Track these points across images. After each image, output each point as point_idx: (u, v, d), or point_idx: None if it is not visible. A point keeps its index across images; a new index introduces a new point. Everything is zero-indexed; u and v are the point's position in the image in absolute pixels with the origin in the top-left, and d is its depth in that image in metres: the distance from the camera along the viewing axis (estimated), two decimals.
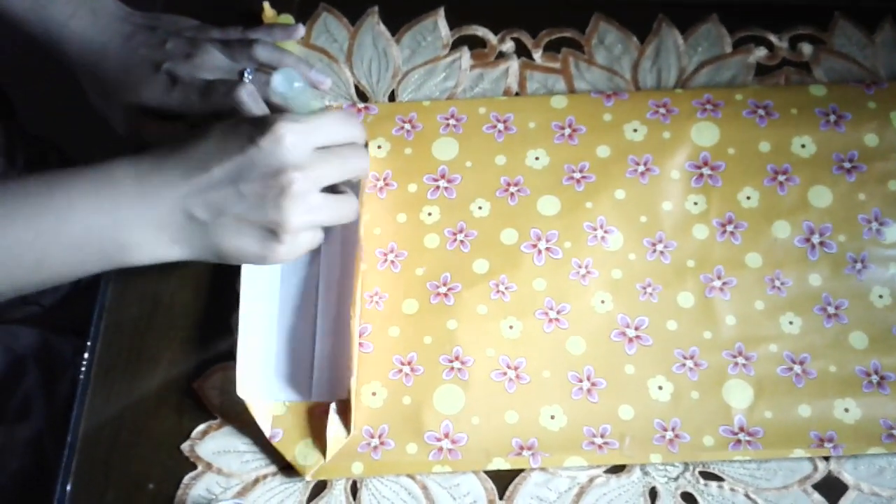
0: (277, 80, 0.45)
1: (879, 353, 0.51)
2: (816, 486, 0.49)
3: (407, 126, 0.58)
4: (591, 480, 0.49)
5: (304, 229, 0.47)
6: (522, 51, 0.61)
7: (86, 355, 0.52)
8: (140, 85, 0.53)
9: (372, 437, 0.49)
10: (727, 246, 0.54)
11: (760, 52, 0.60)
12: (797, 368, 0.51)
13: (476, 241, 0.54)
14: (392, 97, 0.59)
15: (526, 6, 0.61)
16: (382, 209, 0.55)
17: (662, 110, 0.57)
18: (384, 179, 0.56)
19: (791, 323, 0.52)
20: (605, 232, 0.54)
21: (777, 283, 0.53)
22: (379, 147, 0.57)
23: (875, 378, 0.50)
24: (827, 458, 0.49)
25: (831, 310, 0.52)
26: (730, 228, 0.54)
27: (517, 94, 0.59)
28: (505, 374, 0.51)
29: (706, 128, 0.56)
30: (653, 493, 0.49)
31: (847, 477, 0.49)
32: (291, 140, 0.44)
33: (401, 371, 0.51)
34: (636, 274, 0.53)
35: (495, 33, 0.61)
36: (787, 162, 0.55)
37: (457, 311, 0.52)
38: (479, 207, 0.55)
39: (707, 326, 0.52)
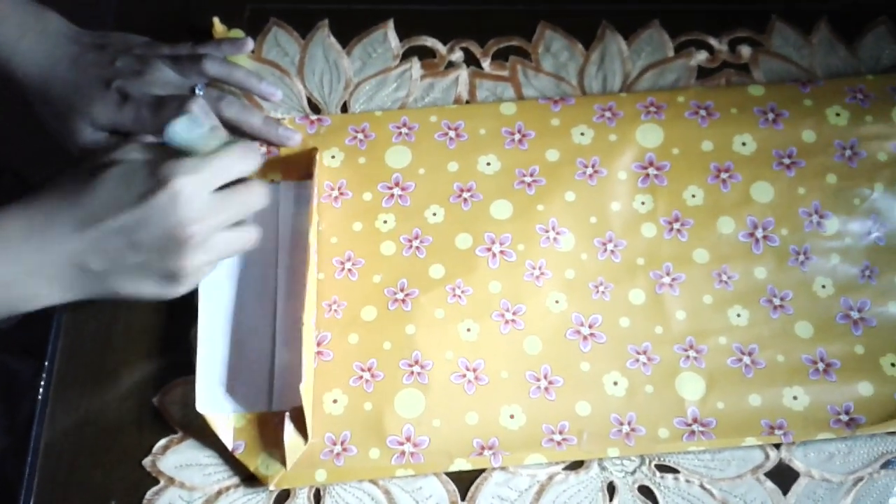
0: (179, 127, 0.44)
1: (824, 342, 0.53)
2: (769, 475, 0.50)
3: (360, 136, 0.58)
4: (550, 478, 0.50)
5: (205, 266, 0.46)
6: (471, 60, 0.62)
7: (44, 375, 0.52)
8: (91, 104, 0.53)
9: (334, 443, 0.50)
10: (675, 243, 0.55)
11: (701, 56, 0.62)
12: (746, 359, 0.52)
13: (431, 246, 0.55)
14: (344, 108, 0.60)
15: (473, 16, 0.62)
16: (338, 218, 0.56)
17: (608, 114, 0.58)
18: (339, 189, 0.57)
19: (739, 315, 0.53)
20: (557, 233, 0.55)
21: (724, 278, 0.54)
22: (333, 157, 0.58)
23: (821, 365, 0.52)
24: (778, 447, 0.51)
25: (777, 301, 0.54)
26: (676, 226, 0.56)
27: (467, 102, 0.60)
28: (464, 375, 0.51)
29: (650, 129, 0.58)
30: (611, 488, 0.50)
31: (798, 464, 0.51)
32: (188, 193, 0.43)
33: (361, 377, 0.51)
34: (588, 273, 0.54)
35: (444, 43, 0.62)
36: (730, 160, 0.57)
37: (415, 316, 0.53)
38: (434, 214, 0.56)
39: (658, 322, 0.53)
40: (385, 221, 0.56)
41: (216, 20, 0.61)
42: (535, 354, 0.52)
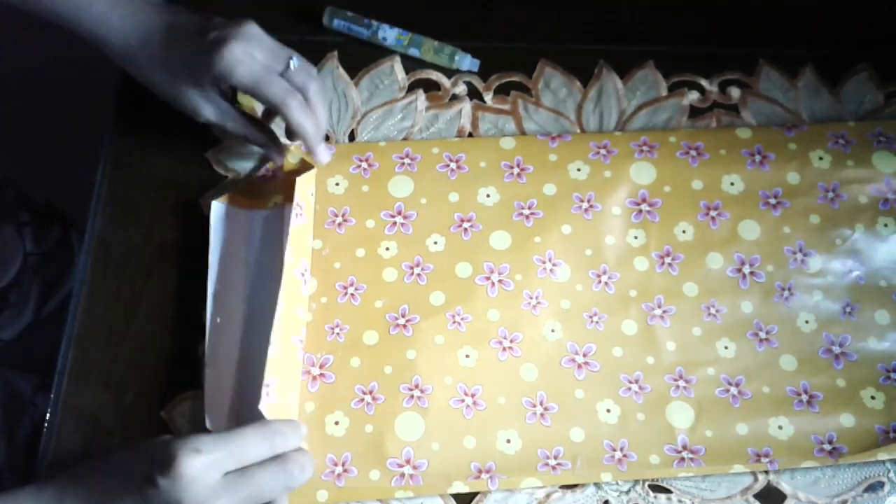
0: None
1: (808, 374, 0.55)
2: (757, 496, 0.52)
3: (364, 164, 0.60)
4: (548, 496, 0.51)
5: None
6: (474, 93, 0.64)
7: (53, 388, 0.52)
8: (189, 62, 0.53)
9: (336, 464, 0.51)
10: (666, 277, 0.57)
11: (693, 96, 0.65)
12: (733, 390, 0.54)
13: (432, 274, 0.57)
14: (352, 136, 0.62)
15: (476, 52, 0.65)
16: (342, 244, 0.57)
17: (603, 151, 0.61)
18: (342, 215, 0.58)
19: (726, 347, 0.56)
20: (554, 265, 0.57)
21: (713, 311, 0.57)
22: (337, 184, 0.59)
23: (805, 397, 0.54)
24: (766, 470, 0.53)
25: (763, 335, 0.56)
26: (668, 260, 0.58)
27: (470, 133, 0.63)
28: (462, 400, 0.53)
29: (644, 167, 0.60)
30: None
31: (785, 487, 0.53)
32: (192, 475, 0.41)
33: (363, 400, 0.53)
34: (583, 304, 0.56)
35: (448, 77, 0.65)
36: (718, 198, 0.60)
37: (415, 341, 0.54)
38: (435, 242, 0.58)
39: (650, 352, 0.55)
40: (387, 248, 0.57)
41: None
42: (531, 381, 0.54)
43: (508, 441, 0.52)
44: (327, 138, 0.62)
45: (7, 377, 0.63)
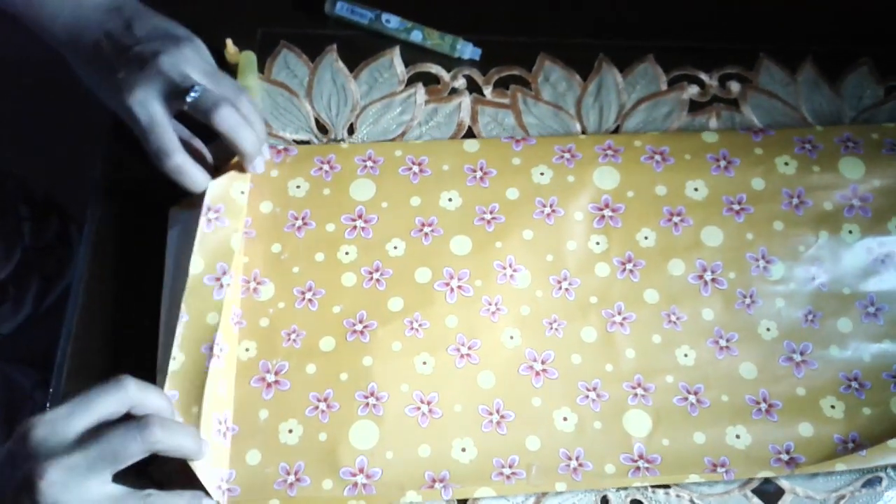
0: None
1: (767, 383, 0.55)
2: (756, 491, 0.52)
3: (325, 167, 0.60)
4: (544, 493, 0.51)
5: None
6: (473, 87, 0.64)
7: (50, 388, 0.52)
8: (111, 68, 0.53)
9: (288, 473, 0.50)
10: (627, 283, 0.57)
11: (693, 90, 0.64)
12: (692, 398, 0.54)
13: (391, 279, 0.56)
14: (351, 130, 0.62)
15: (476, 45, 0.64)
16: (301, 248, 0.57)
17: (567, 155, 0.60)
18: (302, 219, 0.58)
19: (686, 355, 0.55)
20: (514, 270, 0.57)
21: (673, 318, 0.56)
22: (298, 187, 0.59)
23: (764, 406, 0.54)
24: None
25: (723, 342, 0.56)
26: (629, 266, 0.57)
27: (469, 128, 0.62)
28: (418, 408, 0.53)
29: (607, 172, 0.60)
30: (604, 501, 0.51)
31: (783, 482, 0.53)
32: (41, 435, 0.42)
33: (317, 408, 0.52)
34: (543, 310, 0.56)
35: (448, 70, 0.64)
36: (682, 204, 0.59)
37: (372, 348, 0.54)
38: (395, 247, 0.57)
39: (609, 359, 0.55)
40: (347, 253, 0.57)
41: (229, 42, 0.62)
42: (488, 389, 0.53)
43: (464, 450, 0.52)
44: (326, 131, 0.61)
45: (7, 372, 0.63)
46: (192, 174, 0.53)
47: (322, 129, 0.62)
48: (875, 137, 0.62)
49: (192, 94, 0.52)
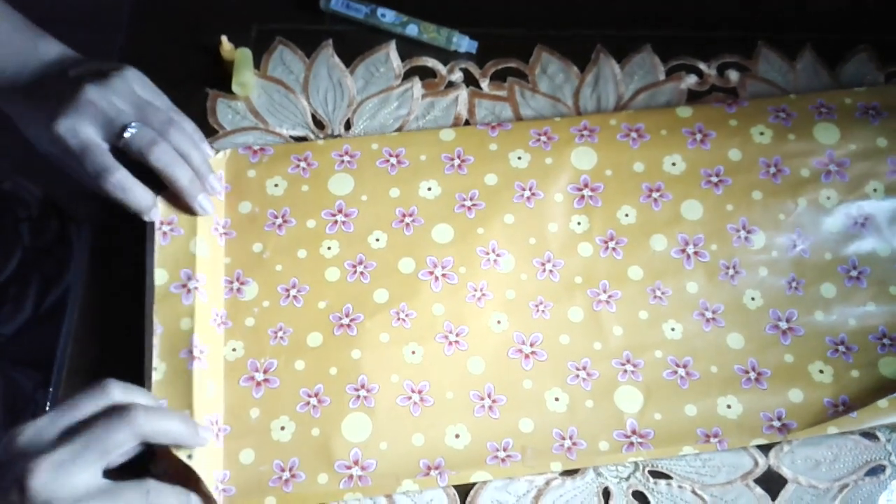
0: None
1: (755, 352, 0.55)
2: (758, 481, 0.52)
3: (303, 164, 0.59)
4: (547, 483, 0.51)
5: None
6: (470, 80, 0.64)
7: (51, 389, 0.52)
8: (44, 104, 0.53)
9: (283, 470, 0.50)
10: (610, 261, 0.57)
11: (691, 79, 0.64)
12: (681, 371, 0.54)
13: (375, 271, 0.56)
14: (348, 125, 0.62)
15: (472, 38, 0.64)
16: (282, 246, 0.57)
17: (543, 138, 0.60)
18: (282, 217, 0.58)
19: (673, 329, 0.55)
20: (497, 255, 0.57)
21: (658, 293, 0.56)
22: (276, 185, 0.59)
23: (753, 375, 0.54)
24: (767, 454, 0.53)
25: (709, 314, 0.56)
26: (612, 245, 0.58)
27: (467, 121, 0.62)
28: (410, 398, 0.53)
29: (584, 152, 0.60)
30: (606, 493, 0.51)
31: (786, 471, 0.52)
32: (27, 437, 0.43)
33: (308, 403, 0.52)
34: (528, 293, 0.56)
35: (444, 64, 0.64)
36: (660, 180, 0.59)
37: (360, 340, 0.54)
38: (377, 239, 0.57)
39: (597, 338, 0.55)
40: (329, 248, 0.57)
41: (224, 38, 0.62)
42: (478, 374, 0.53)
43: (457, 436, 0.52)
44: (323, 127, 0.61)
45: (8, 373, 0.62)
46: (135, 191, 0.53)
47: (319, 124, 0.62)
48: (848, 102, 0.62)
49: (130, 130, 0.53)
